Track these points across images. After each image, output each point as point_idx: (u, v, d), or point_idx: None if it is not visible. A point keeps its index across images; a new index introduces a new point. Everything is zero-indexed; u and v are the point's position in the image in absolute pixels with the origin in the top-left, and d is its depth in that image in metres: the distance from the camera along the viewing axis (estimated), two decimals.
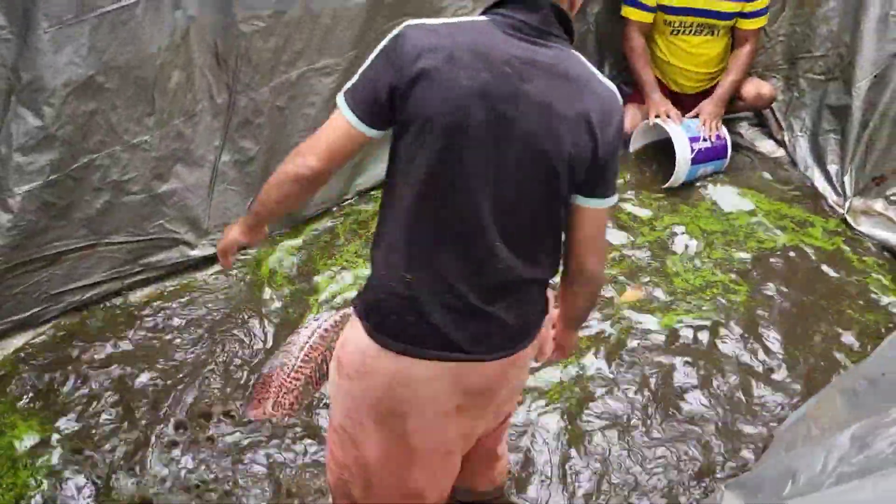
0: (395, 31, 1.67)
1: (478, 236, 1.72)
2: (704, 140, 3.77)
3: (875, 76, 3.72)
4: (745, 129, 4.25)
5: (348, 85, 1.71)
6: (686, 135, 3.73)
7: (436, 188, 1.69)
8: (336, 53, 3.04)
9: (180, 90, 2.76)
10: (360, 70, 1.71)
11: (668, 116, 3.81)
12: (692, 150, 3.70)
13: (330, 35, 2.98)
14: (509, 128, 1.66)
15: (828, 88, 3.98)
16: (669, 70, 4.03)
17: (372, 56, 1.69)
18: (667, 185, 3.76)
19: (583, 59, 1.73)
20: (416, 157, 1.68)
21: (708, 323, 3.16)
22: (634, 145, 3.97)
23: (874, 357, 1.73)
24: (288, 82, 2.99)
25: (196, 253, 3.11)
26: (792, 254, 3.54)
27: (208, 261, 3.13)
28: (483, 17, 1.72)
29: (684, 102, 4.04)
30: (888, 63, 3.69)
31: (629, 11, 3.88)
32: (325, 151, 1.72)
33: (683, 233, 3.55)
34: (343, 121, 1.70)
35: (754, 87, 4.02)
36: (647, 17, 3.86)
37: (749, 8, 3.82)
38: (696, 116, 3.89)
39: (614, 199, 1.82)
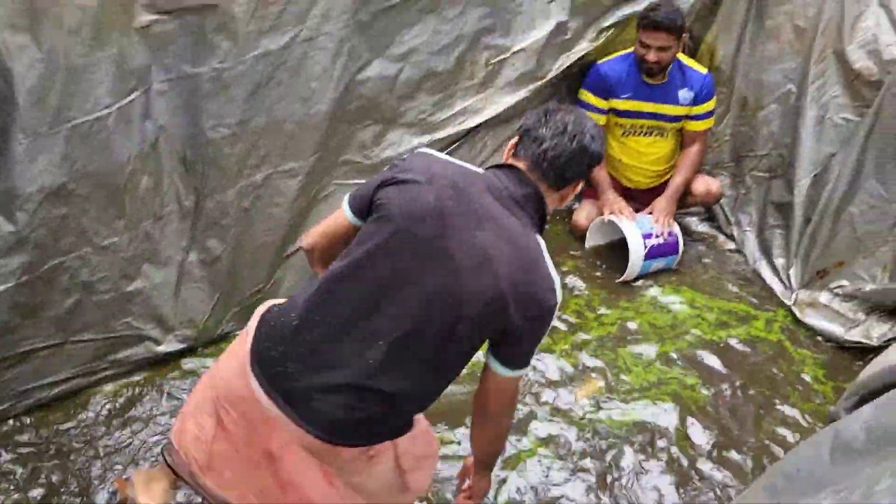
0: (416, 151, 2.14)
1: (367, 325, 1.91)
2: (657, 236, 3.93)
3: (814, 175, 3.93)
4: (696, 224, 4.44)
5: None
6: (639, 231, 3.90)
7: (362, 269, 1.93)
8: (300, 157, 3.18)
9: (149, 194, 2.88)
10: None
11: (622, 213, 3.98)
12: (645, 246, 3.87)
13: (294, 140, 3.13)
14: (446, 256, 1.88)
15: (772, 185, 4.19)
16: (622, 168, 4.23)
17: None
18: (621, 279, 3.90)
19: (541, 244, 1.97)
20: (367, 239, 1.95)
21: (661, 417, 3.26)
22: (590, 241, 4.13)
23: (792, 454, 1.85)
24: (254, 185, 3.12)
25: (162, 349, 3.19)
26: (738, 346, 3.67)
27: (174, 356, 3.22)
28: (481, 170, 2.03)
29: (637, 198, 4.24)
30: (826, 163, 3.90)
31: (585, 95, 4.06)
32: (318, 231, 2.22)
33: (634, 327, 3.68)
34: (340, 210, 2.14)
35: (704, 184, 4.22)
36: (600, 120, 4.06)
37: (695, 111, 4.04)
38: (650, 213, 4.06)
39: (518, 372, 2.00)
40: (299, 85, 3.03)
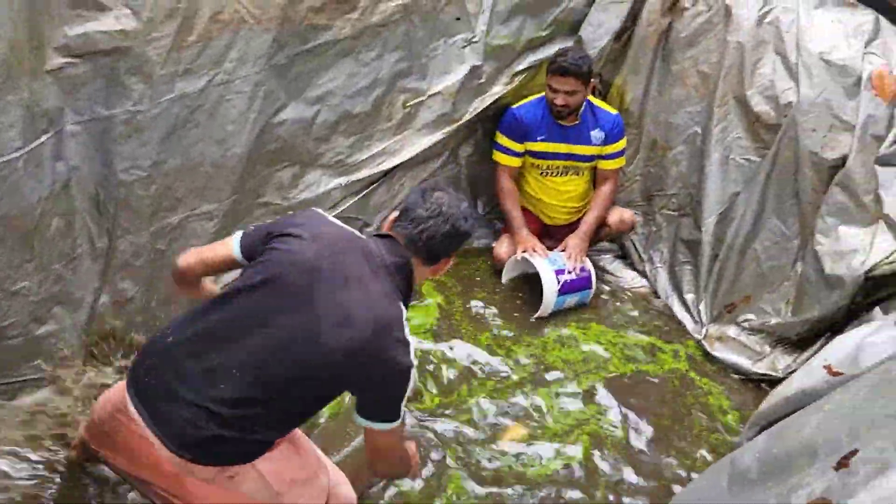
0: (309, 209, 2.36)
1: (226, 353, 2.06)
2: (570, 272, 4.02)
3: (720, 213, 4.09)
4: (610, 262, 4.55)
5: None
6: (552, 267, 3.98)
7: (235, 301, 2.12)
8: (216, 199, 3.17)
9: (60, 236, 2.83)
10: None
11: (534, 251, 4.07)
12: (559, 282, 3.95)
13: (210, 182, 3.12)
14: (310, 307, 2.07)
15: (681, 223, 4.34)
16: (541, 205, 4.34)
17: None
18: (535, 316, 3.97)
19: (403, 311, 2.14)
20: (246, 277, 2.16)
21: (578, 453, 3.32)
22: (505, 277, 4.20)
23: (692, 485, 1.92)
24: (169, 227, 3.09)
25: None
26: (648, 380, 3.77)
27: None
28: (363, 236, 2.26)
29: (555, 234, 4.35)
30: (731, 201, 4.06)
31: (499, 156, 4.18)
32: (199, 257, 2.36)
33: (550, 365, 3.73)
34: (229, 240, 2.30)
35: (617, 214, 4.36)
36: (515, 162, 4.17)
37: (607, 150, 4.17)
38: (563, 250, 4.15)
39: (385, 425, 2.13)
40: (215, 127, 3.04)
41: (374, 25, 3.43)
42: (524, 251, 4.08)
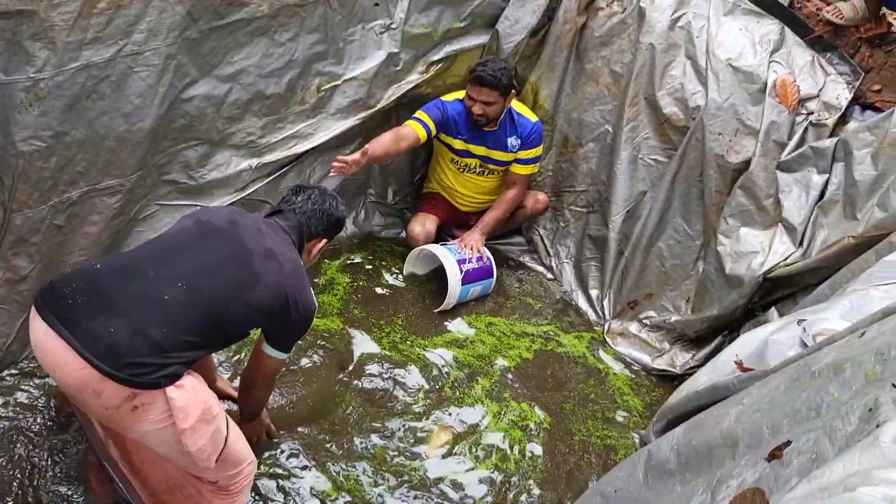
0: None
1: (161, 272, 2.24)
2: (470, 261, 4.02)
3: (627, 211, 4.17)
4: (517, 255, 4.58)
5: None
6: (454, 258, 3.97)
7: (164, 238, 2.47)
8: (120, 175, 3.03)
9: None
10: None
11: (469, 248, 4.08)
12: (461, 272, 3.94)
13: (115, 157, 2.98)
14: (238, 241, 2.40)
15: (589, 220, 4.40)
16: (457, 195, 4.35)
17: None
18: (440, 308, 3.95)
19: (299, 268, 2.50)
20: (173, 226, 2.58)
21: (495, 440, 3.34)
22: (406, 270, 4.13)
23: (609, 476, 1.94)
24: (69, 201, 2.94)
25: None
26: (554, 372, 3.81)
27: None
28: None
29: (464, 221, 4.41)
30: (638, 200, 4.15)
31: (411, 122, 3.96)
32: None
33: (454, 358, 3.71)
34: None
35: (532, 197, 4.43)
36: (421, 132, 3.94)
37: (521, 155, 4.18)
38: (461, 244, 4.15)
39: (283, 355, 2.54)
40: (122, 100, 2.90)
41: (291, 5, 3.35)
42: (423, 246, 4.08)
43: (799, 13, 3.93)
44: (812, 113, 3.70)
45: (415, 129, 3.94)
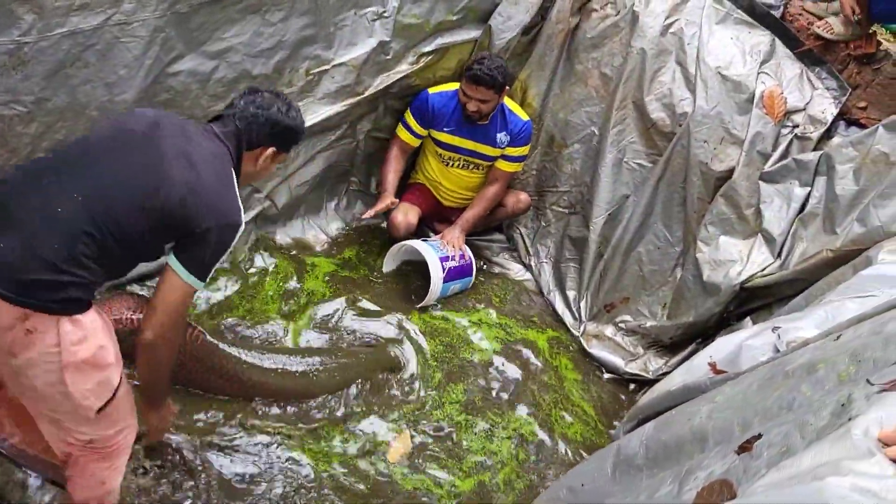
0: None
1: (64, 181, 2.06)
2: (452, 259, 4.00)
3: (609, 214, 4.17)
4: (497, 253, 4.57)
5: None
6: (437, 255, 3.96)
7: (76, 143, 2.27)
8: None
9: None
10: None
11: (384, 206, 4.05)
12: (444, 269, 3.93)
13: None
14: (153, 145, 2.17)
15: (570, 220, 4.40)
16: (442, 189, 4.34)
17: None
18: (421, 304, 3.92)
19: (234, 179, 2.29)
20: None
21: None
22: (387, 267, 4.11)
23: (576, 469, 1.93)
24: None
25: None
26: (527, 370, 3.81)
27: None
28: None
29: (447, 215, 4.39)
30: (620, 203, 4.15)
31: (400, 130, 4.15)
32: None
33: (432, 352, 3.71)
34: None
35: (514, 196, 4.41)
36: (413, 141, 4.15)
37: (510, 152, 4.17)
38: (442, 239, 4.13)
39: (192, 279, 2.19)
40: (106, 69, 2.87)
41: None
42: (404, 240, 4.08)
43: (790, 26, 3.94)
44: (797, 126, 3.72)
45: (406, 140, 4.15)
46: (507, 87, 4.02)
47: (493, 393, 3.59)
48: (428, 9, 3.94)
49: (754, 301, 3.68)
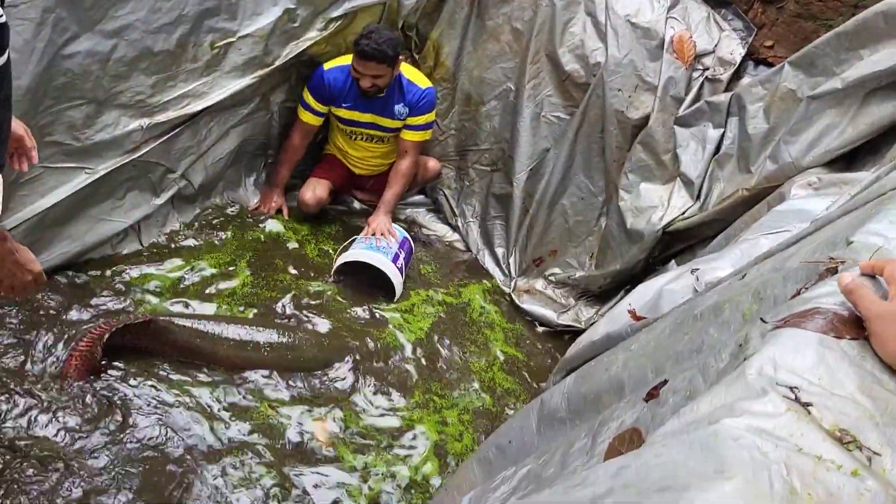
0: None
1: None
2: (397, 256, 3.91)
3: (531, 168, 4.17)
4: (423, 216, 4.55)
5: None
6: (387, 258, 3.83)
7: None
8: None
9: None
10: None
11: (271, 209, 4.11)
12: (400, 270, 3.87)
13: None
14: None
15: (493, 178, 4.40)
16: (350, 158, 4.28)
17: None
18: (396, 301, 3.83)
19: None
20: None
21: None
22: (333, 276, 3.90)
23: (504, 427, 1.94)
24: None
25: None
26: (461, 330, 3.82)
27: None
28: None
29: (361, 184, 4.40)
30: (541, 157, 4.16)
31: (300, 112, 4.09)
32: None
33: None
34: None
35: (421, 165, 4.36)
36: (315, 120, 4.09)
37: (411, 122, 4.08)
38: (372, 233, 4.01)
39: None
40: None
41: None
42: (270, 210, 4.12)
43: None
44: (708, 69, 3.76)
45: (309, 121, 4.09)
46: (401, 58, 3.95)
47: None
48: None
49: (677, 245, 3.73)
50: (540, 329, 4.08)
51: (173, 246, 3.71)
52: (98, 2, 3.00)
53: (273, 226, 4.05)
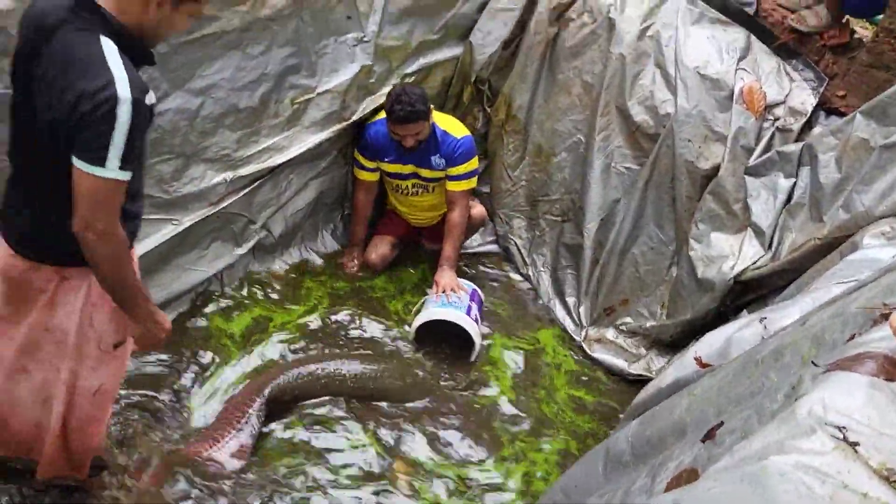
0: None
1: (18, 154, 2.22)
2: (470, 308, 3.95)
3: (601, 219, 4.21)
4: (494, 265, 4.61)
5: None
6: (460, 312, 3.88)
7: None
8: None
9: None
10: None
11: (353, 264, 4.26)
12: (477, 323, 3.93)
13: None
14: (33, 86, 2.08)
15: (564, 228, 4.44)
16: (404, 213, 4.42)
17: None
18: (473, 358, 3.88)
19: (104, 44, 1.99)
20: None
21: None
22: (412, 335, 3.92)
23: (570, 471, 1.97)
24: None
25: None
26: (536, 379, 3.86)
27: None
28: None
29: (425, 233, 4.50)
30: (611, 207, 4.19)
31: (355, 170, 4.22)
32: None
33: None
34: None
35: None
36: (368, 176, 4.20)
37: (452, 172, 4.11)
38: (442, 291, 4.05)
39: (94, 168, 1.97)
40: None
41: (263, 19, 3.40)
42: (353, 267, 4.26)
43: (765, 21, 4.00)
44: (778, 119, 3.76)
45: (365, 178, 4.22)
46: (432, 108, 4.00)
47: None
48: (407, 30, 4.02)
49: (749, 294, 3.71)
50: (612, 377, 4.08)
51: (254, 295, 3.86)
52: (187, 62, 3.20)
53: (352, 279, 4.18)
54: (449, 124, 4.11)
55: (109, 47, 2.00)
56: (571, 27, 4.23)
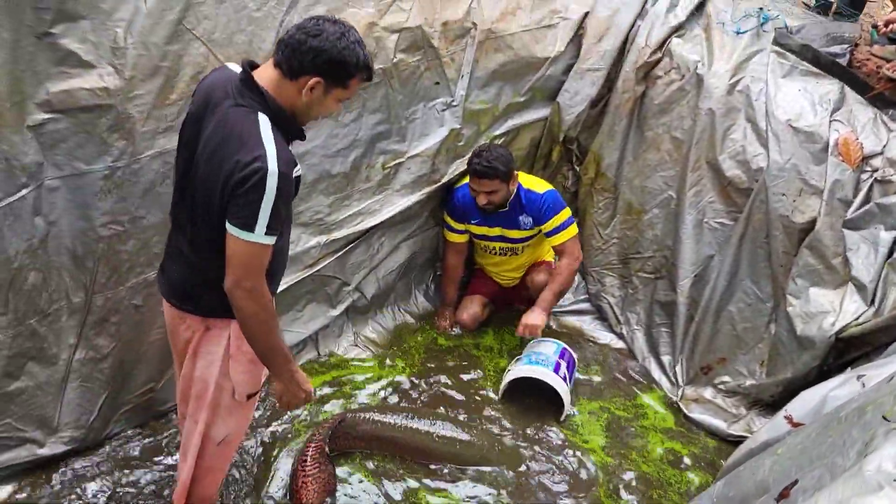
0: None
1: (177, 212, 2.48)
2: (559, 365, 3.91)
3: (695, 275, 4.14)
4: (588, 324, 4.58)
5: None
6: (548, 370, 3.85)
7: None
8: None
9: (35, 291, 2.85)
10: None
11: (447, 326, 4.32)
12: (566, 381, 3.90)
13: None
14: (194, 151, 2.32)
15: (657, 285, 4.38)
16: (492, 273, 4.47)
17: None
18: (563, 418, 3.85)
19: (260, 120, 2.22)
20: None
21: None
22: (501, 393, 3.95)
23: None
24: (145, 282, 3.11)
25: (45, 451, 3.09)
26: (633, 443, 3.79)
27: (57, 460, 3.14)
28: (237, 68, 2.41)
29: (508, 294, 4.50)
30: (705, 264, 4.12)
31: (444, 232, 4.30)
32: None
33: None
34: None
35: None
36: (457, 238, 4.27)
37: (546, 228, 4.12)
38: (524, 331, 4.06)
39: (246, 234, 2.19)
40: None
41: None
42: (447, 327, 4.33)
43: (858, 72, 3.91)
44: (877, 170, 3.65)
45: (454, 240, 4.29)
46: (517, 173, 4.04)
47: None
48: (495, 94, 4.10)
49: (852, 351, 3.56)
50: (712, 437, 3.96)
51: (349, 355, 3.94)
52: None
53: (446, 339, 4.22)
54: (531, 182, 4.15)
55: (265, 124, 2.23)
56: (659, 84, 4.23)
